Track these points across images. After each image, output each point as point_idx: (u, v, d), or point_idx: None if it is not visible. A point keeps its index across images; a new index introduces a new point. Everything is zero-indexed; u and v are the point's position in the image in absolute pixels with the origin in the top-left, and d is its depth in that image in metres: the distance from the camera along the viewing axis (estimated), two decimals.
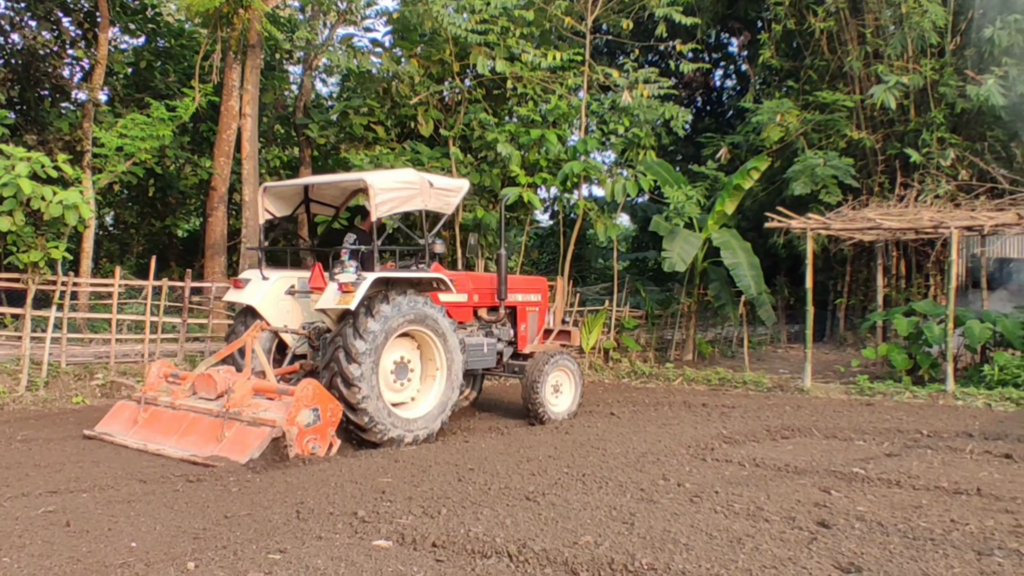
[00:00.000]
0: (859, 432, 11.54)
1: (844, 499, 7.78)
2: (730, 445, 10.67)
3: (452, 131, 19.61)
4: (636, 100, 19.22)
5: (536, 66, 18.96)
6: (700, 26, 24.65)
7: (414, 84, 19.57)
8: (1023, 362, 15.25)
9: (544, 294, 13.87)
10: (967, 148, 21.22)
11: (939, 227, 16.37)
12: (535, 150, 18.71)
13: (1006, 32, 19.48)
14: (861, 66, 22.41)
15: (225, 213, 19.20)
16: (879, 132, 22.64)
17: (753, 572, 5.67)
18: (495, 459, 9.53)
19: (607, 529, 6.65)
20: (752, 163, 19.92)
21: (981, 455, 10.06)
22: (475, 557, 6.04)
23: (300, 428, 9.42)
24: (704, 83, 36.10)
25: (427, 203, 11.60)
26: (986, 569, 5.85)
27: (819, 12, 22.67)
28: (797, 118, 22.21)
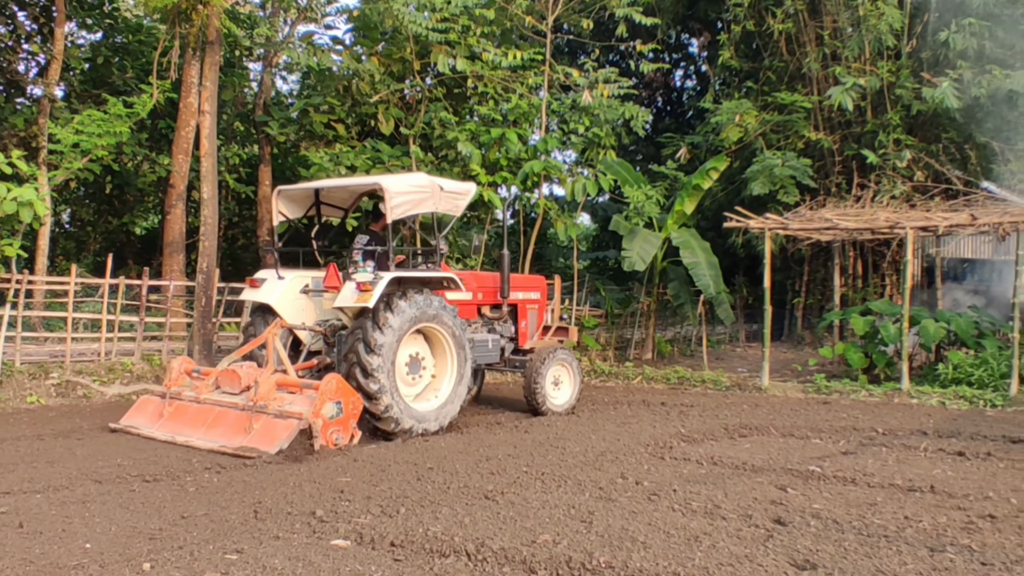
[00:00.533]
0: (816, 430, 11.65)
1: (800, 497, 7.85)
2: (688, 443, 10.74)
3: (413, 129, 19.57)
4: (596, 100, 19.28)
5: (497, 65, 18.96)
6: (660, 26, 24.77)
7: (375, 82, 19.51)
8: (976, 361, 15.47)
9: (543, 292, 14.39)
10: (922, 150, 21.47)
11: (895, 227, 16.55)
12: (496, 149, 18.71)
13: (961, 35, 19.73)
14: (819, 67, 22.61)
15: (184, 211, 19.03)
16: (836, 133, 22.86)
17: (710, 570, 5.71)
18: (454, 458, 9.53)
19: (565, 527, 6.67)
20: (711, 163, 20.04)
21: (935, 453, 10.19)
22: (433, 556, 6.04)
23: (324, 420, 9.93)
24: (664, 83, 36.26)
25: (438, 206, 12.06)
26: (938, 565, 5.92)
27: (778, 14, 22.84)
28: (756, 119, 22.37)
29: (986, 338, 16.04)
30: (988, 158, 21.01)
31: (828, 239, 19.04)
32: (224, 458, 9.27)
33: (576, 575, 5.69)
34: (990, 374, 15.09)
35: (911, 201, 19.32)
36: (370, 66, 19.45)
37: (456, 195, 12.40)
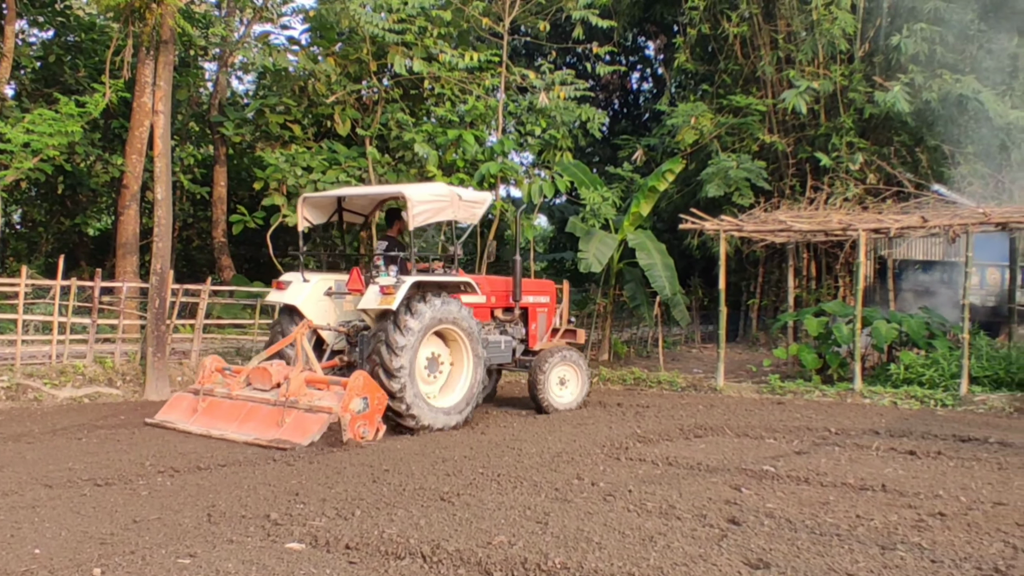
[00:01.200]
0: (770, 430, 11.75)
1: (754, 496, 7.91)
2: (644, 444, 10.79)
3: (369, 130, 19.51)
4: (553, 102, 19.30)
5: (454, 66, 18.94)
6: (617, 29, 24.85)
7: (331, 83, 19.43)
8: (927, 361, 15.67)
9: (552, 296, 15.00)
10: (875, 152, 21.71)
11: (848, 229, 16.73)
12: (452, 150, 18.69)
13: (912, 40, 19.95)
14: (773, 71, 22.79)
15: (137, 211, 18.85)
16: (790, 136, 23.05)
17: (664, 570, 5.75)
18: (411, 460, 9.51)
19: (521, 529, 6.68)
20: (667, 165, 20.15)
21: (887, 452, 10.31)
22: (389, 558, 6.02)
23: (352, 415, 10.58)
24: (621, 85, 36.40)
25: (456, 214, 12.82)
26: (889, 563, 6.00)
27: (733, 17, 22.98)
28: (711, 121, 22.51)
29: (937, 339, 16.26)
30: (939, 161, 21.29)
31: (782, 241, 19.20)
32: (177, 462, 9.23)
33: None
34: (941, 374, 15.30)
35: (863, 203, 19.52)
36: (326, 67, 19.37)
37: (473, 204, 13.09)
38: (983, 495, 8.06)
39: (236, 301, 17.96)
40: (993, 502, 7.79)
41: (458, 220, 13.22)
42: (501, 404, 14.91)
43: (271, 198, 18.95)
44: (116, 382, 14.43)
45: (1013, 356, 15.51)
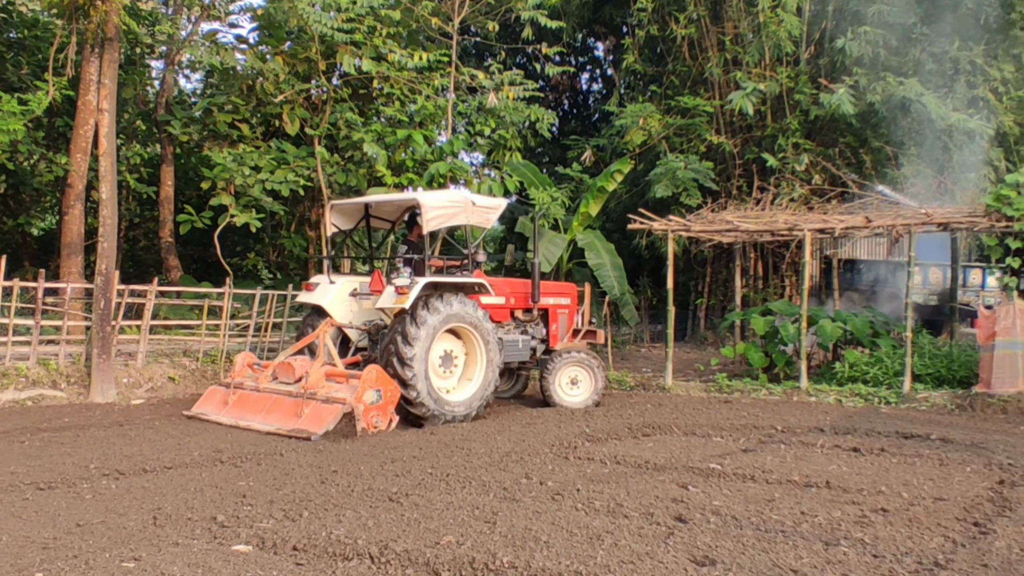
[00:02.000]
0: (717, 429, 11.87)
1: (701, 494, 7.99)
2: (592, 443, 10.85)
3: (318, 130, 19.42)
4: (502, 102, 19.33)
5: (403, 66, 18.90)
6: (566, 30, 24.90)
7: (279, 82, 19.30)
8: (871, 360, 15.90)
9: (574, 298, 15.59)
10: (820, 154, 21.95)
11: (793, 229, 16.92)
12: (402, 150, 18.65)
13: (856, 43, 20.21)
14: (721, 72, 22.97)
15: (83, 211, 18.53)
16: (738, 137, 23.25)
17: (611, 567, 5.79)
18: (359, 460, 9.49)
19: (469, 528, 6.69)
20: (615, 166, 20.28)
21: (831, 449, 10.46)
22: (336, 560, 6.01)
23: (366, 406, 11.37)
24: (570, 86, 36.46)
25: (470, 219, 13.43)
26: (832, 558, 6.09)
27: (681, 19, 23.13)
28: (659, 122, 22.64)
29: (881, 337, 16.49)
30: (882, 162, 21.58)
31: (729, 241, 19.37)
32: (122, 465, 9.15)
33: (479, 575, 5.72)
34: (885, 372, 15.53)
35: (809, 204, 19.73)
36: (275, 65, 19.23)
37: (488, 209, 13.81)
38: (925, 491, 8.21)
39: (184, 302, 17.76)
40: (934, 497, 7.93)
41: (472, 225, 13.72)
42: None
43: (219, 198, 18.78)
44: (60, 384, 14.21)
45: (955, 354, 15.78)
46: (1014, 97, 21.21)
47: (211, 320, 16.28)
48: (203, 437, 10.78)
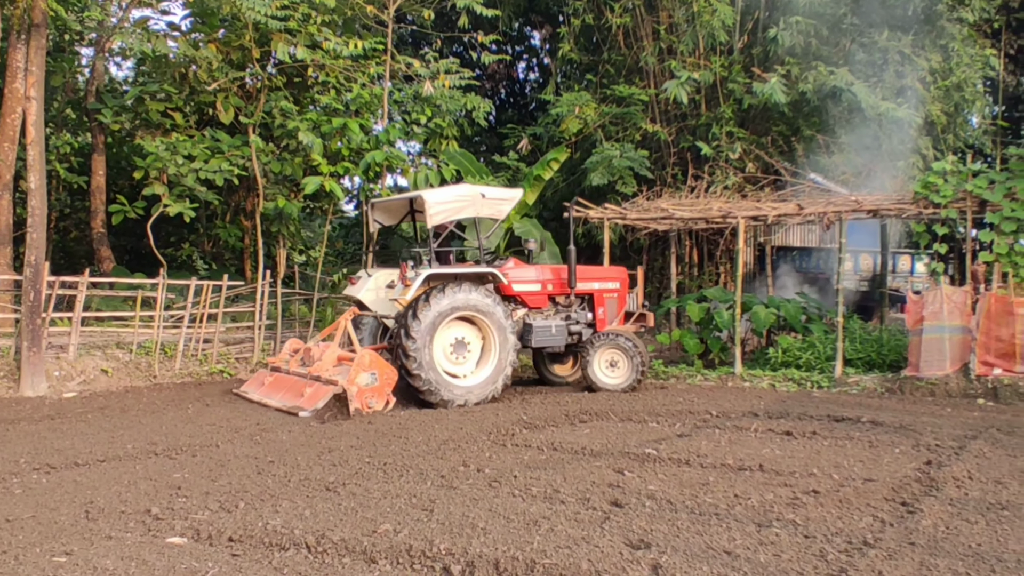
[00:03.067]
0: (653, 414, 11.96)
1: (637, 479, 8.06)
2: (530, 430, 10.88)
3: (253, 119, 19.21)
4: (438, 90, 19.29)
5: (338, 54, 18.78)
6: (502, 18, 24.91)
7: (213, 70, 19.05)
8: (804, 345, 16.15)
9: (623, 282, 15.79)
10: (753, 142, 22.21)
11: (727, 217, 17.12)
12: (337, 139, 18.53)
13: (788, 33, 20.47)
14: (656, 61, 23.12)
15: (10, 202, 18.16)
16: (672, 126, 23.42)
17: (548, 552, 5.83)
18: (296, 451, 9.44)
19: (407, 516, 6.70)
20: (552, 154, 20.34)
21: (764, 433, 10.60)
22: (272, 550, 5.99)
23: (360, 388, 12.13)
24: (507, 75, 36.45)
25: (479, 212, 13.96)
26: (765, 539, 6.19)
27: (616, 8, 23.23)
28: (595, 111, 22.75)
29: (813, 323, 16.77)
30: (814, 151, 21.89)
31: (665, 228, 19.54)
32: (53, 459, 9.02)
33: (416, 563, 5.73)
34: (817, 357, 15.80)
35: (743, 191, 19.97)
36: (208, 53, 18.97)
37: (499, 201, 14.19)
38: (855, 472, 8.36)
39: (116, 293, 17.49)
40: (864, 479, 8.08)
41: (482, 217, 14.24)
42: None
43: (152, 187, 18.51)
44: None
45: (884, 339, 16.09)
46: (941, 87, 21.64)
47: (145, 311, 16.07)
48: (137, 430, 10.66)
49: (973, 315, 14.10)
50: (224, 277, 17.09)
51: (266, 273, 17.80)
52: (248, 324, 17.67)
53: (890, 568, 5.59)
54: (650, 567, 5.59)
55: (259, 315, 17.41)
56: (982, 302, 14.03)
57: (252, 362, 17.09)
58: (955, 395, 13.81)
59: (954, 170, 15.09)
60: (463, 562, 5.69)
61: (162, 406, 12.84)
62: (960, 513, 6.96)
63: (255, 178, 19.07)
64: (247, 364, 17.05)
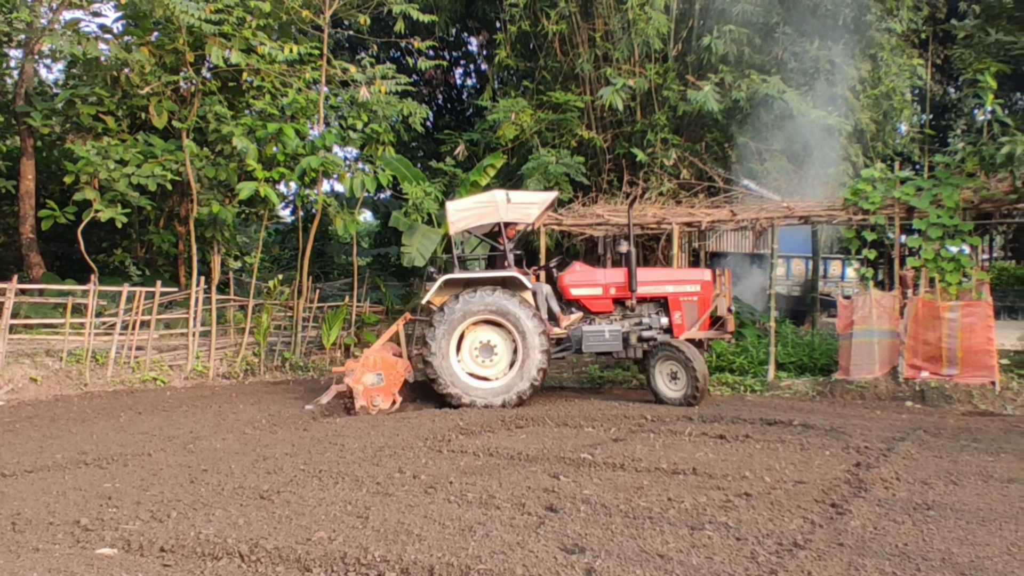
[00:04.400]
0: (589, 419, 12.03)
1: (572, 484, 8.11)
2: (466, 436, 10.90)
3: (186, 123, 18.99)
4: (374, 96, 19.23)
5: (273, 59, 18.63)
6: (439, 24, 24.93)
7: (146, 73, 18.79)
8: (737, 349, 16.35)
9: (705, 285, 14.50)
10: (688, 149, 22.42)
11: (662, 223, 17.29)
12: (272, 144, 18.38)
13: (722, 41, 20.73)
14: (592, 68, 23.25)
15: None
16: (608, 132, 23.58)
17: (483, 558, 5.85)
18: (230, 459, 9.36)
19: (342, 524, 6.68)
20: (488, 160, 20.38)
21: (698, 437, 10.71)
22: (205, 559, 5.93)
23: (365, 387, 12.93)
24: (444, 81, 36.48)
25: (504, 216, 13.92)
26: (697, 542, 6.26)
27: (552, 15, 23.33)
28: (531, 117, 22.82)
29: (746, 327, 16.99)
30: (747, 157, 22.17)
31: (601, 234, 19.66)
32: None
33: (351, 570, 5.72)
34: (750, 361, 16.01)
35: (677, 198, 20.17)
36: (140, 56, 18.71)
37: (526, 204, 14.05)
38: (786, 475, 8.49)
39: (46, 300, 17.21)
40: (795, 481, 8.21)
41: (509, 221, 14.18)
42: None
43: (83, 192, 18.20)
44: None
45: (816, 343, 16.36)
46: (871, 95, 22.07)
47: (76, 318, 15.82)
48: (67, 439, 10.50)
49: (901, 319, 14.39)
50: (157, 283, 16.88)
51: (200, 279, 17.61)
52: (182, 331, 17.45)
53: (819, 568, 5.69)
54: (584, 571, 5.63)
55: (193, 322, 17.22)
56: (910, 306, 14.33)
57: (186, 369, 16.90)
58: (884, 398, 14.07)
59: (883, 177, 15.40)
60: (398, 569, 5.69)
61: (93, 415, 12.64)
62: (887, 514, 7.10)
63: (189, 183, 18.85)
64: (181, 371, 16.85)
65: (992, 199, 15.03)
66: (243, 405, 13.84)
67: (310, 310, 19.60)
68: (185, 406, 13.63)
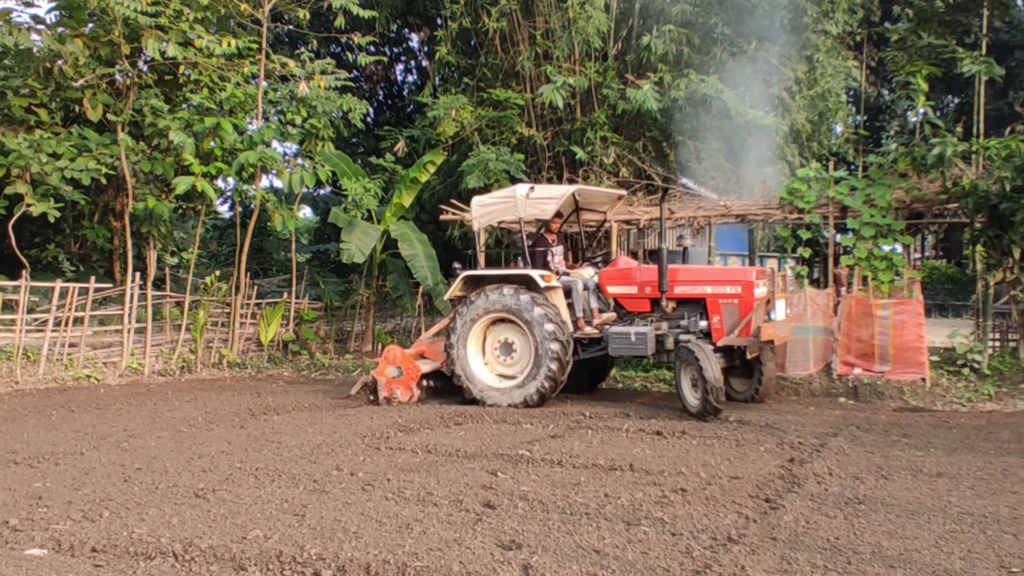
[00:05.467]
0: (527, 416, 12.09)
1: (510, 480, 8.14)
2: (405, 433, 10.89)
3: (122, 116, 18.71)
4: (314, 91, 19.10)
5: (211, 52, 18.42)
6: (379, 20, 24.80)
7: (80, 65, 18.48)
8: None
9: (746, 285, 12.67)
10: (627, 147, 22.54)
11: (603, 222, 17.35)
12: (210, 139, 18.17)
13: (661, 40, 20.86)
14: (532, 66, 23.28)
15: None
16: (548, 130, 23.63)
17: (419, 555, 5.85)
18: (165, 457, 9.26)
19: (278, 522, 6.65)
20: (428, 157, 20.35)
21: (636, 433, 10.80)
22: (138, 559, 5.86)
23: (387, 379, 13.57)
24: (385, 77, 36.33)
25: (524, 212, 13.62)
26: (633, 538, 6.32)
27: (493, 12, 23.30)
28: (472, 114, 22.80)
29: None
30: (685, 156, 22.35)
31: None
32: None
33: (287, 569, 5.69)
34: None
35: None
36: (75, 48, 18.39)
37: (545, 200, 13.57)
38: (721, 470, 8.59)
39: None
40: (730, 476, 8.32)
41: (528, 217, 13.96)
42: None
43: (14, 186, 17.83)
44: None
45: None
46: (806, 96, 22.37)
47: (6, 315, 15.54)
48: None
49: (835, 317, 14.62)
50: (91, 279, 16.64)
51: (136, 275, 17.38)
52: (117, 327, 17.22)
53: (752, 563, 5.76)
54: (520, 567, 5.66)
55: (128, 318, 16.99)
56: (843, 304, 14.57)
57: (121, 366, 16.68)
58: (818, 394, 14.30)
59: (817, 177, 15.64)
60: (334, 567, 5.68)
61: (24, 413, 12.44)
62: (820, 508, 7.22)
63: (124, 178, 18.57)
64: (116, 368, 16.63)
65: (923, 199, 15.34)
66: (179, 402, 13.69)
67: (248, 307, 19.43)
68: (119, 404, 13.45)
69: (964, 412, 13.03)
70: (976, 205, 14.84)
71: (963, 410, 13.22)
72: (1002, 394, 13.88)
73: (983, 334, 15.31)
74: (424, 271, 19.32)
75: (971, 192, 14.70)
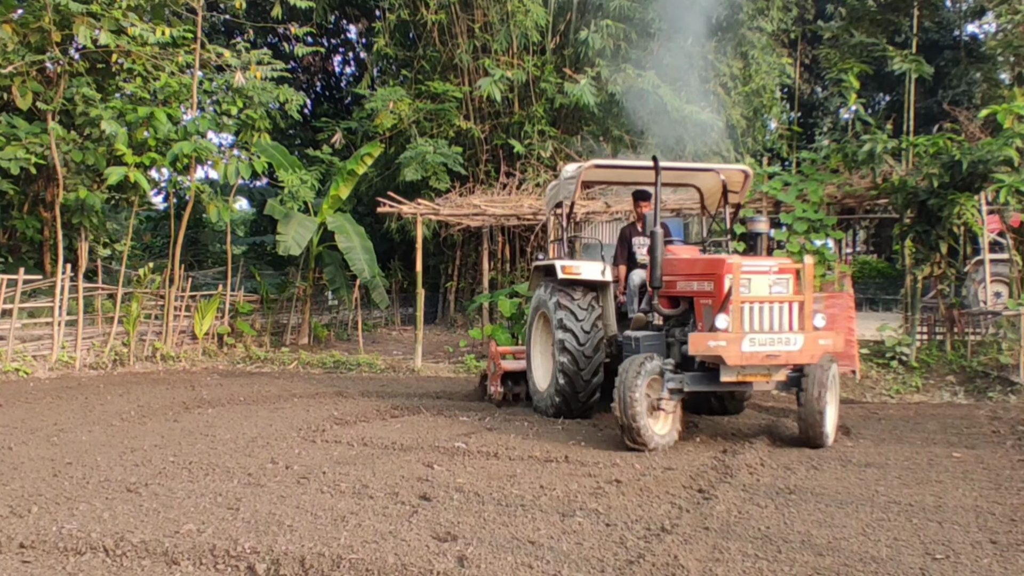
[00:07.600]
0: (464, 409, 12.11)
1: (446, 472, 8.14)
2: (341, 426, 10.85)
3: (52, 105, 18.37)
4: (250, 82, 18.92)
5: (145, 41, 18.15)
6: (316, 10, 24.65)
7: (8, 52, 18.12)
8: None
9: (719, 279, 9.58)
10: (564, 141, 22.68)
11: (538, 214, 17.47)
12: (143, 128, 17.91)
13: (599, 35, 21.00)
14: (470, 59, 23.31)
15: None
16: (486, 123, 23.69)
17: (355, 547, 5.84)
18: (96, 451, 9.12)
19: (211, 516, 6.58)
20: (365, 149, 20.27)
21: (572, 425, 10.86)
22: (68, 555, 5.77)
23: (490, 374, 13.23)
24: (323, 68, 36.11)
25: (561, 195, 12.28)
26: (568, 528, 6.36)
27: (431, 4, 23.31)
28: (410, 106, 22.78)
29: None
30: (622, 150, 22.52)
31: (478, 224, 19.76)
32: None
33: (220, 563, 5.65)
34: None
35: None
36: (3, 34, 18.01)
37: (569, 180, 12.00)
38: (655, 462, 8.66)
39: None
40: (664, 468, 8.39)
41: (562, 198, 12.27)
42: None
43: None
44: None
45: None
46: (742, 92, 22.66)
47: None
48: None
49: None
50: (20, 270, 16.33)
51: (66, 267, 17.10)
52: (47, 320, 16.92)
53: (685, 552, 5.83)
54: (456, 559, 5.68)
55: (59, 311, 16.71)
56: None
57: (51, 360, 16.40)
58: None
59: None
60: (268, 560, 5.64)
61: None
62: (752, 498, 7.32)
63: (54, 167, 18.24)
64: (46, 362, 16.35)
65: (855, 195, 15.62)
66: (111, 396, 13.49)
67: (182, 299, 19.20)
68: (49, 397, 13.22)
69: (893, 403, 13.30)
70: (905, 201, 15.15)
71: (892, 401, 13.50)
72: (929, 386, 14.20)
73: (911, 327, 15.64)
74: (361, 263, 19.25)
75: (900, 188, 15.00)
